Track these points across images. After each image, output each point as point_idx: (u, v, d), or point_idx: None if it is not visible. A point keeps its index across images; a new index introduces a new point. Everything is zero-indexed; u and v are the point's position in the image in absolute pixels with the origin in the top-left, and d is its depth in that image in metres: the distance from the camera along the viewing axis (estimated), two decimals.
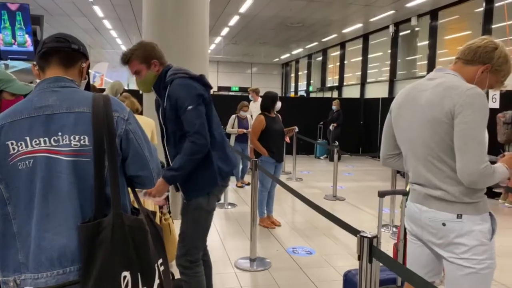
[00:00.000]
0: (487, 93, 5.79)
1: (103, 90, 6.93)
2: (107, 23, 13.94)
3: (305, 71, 21.45)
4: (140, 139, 1.40)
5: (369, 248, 1.56)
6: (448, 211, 1.68)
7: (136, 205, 1.46)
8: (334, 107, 11.03)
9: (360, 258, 1.59)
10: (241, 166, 7.23)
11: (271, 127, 4.69)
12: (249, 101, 7.96)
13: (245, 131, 6.88)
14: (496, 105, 6.67)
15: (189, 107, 2.18)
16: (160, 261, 1.42)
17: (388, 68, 13.26)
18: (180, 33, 4.73)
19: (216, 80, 23.43)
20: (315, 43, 17.25)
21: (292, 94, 22.74)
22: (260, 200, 4.86)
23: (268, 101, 4.82)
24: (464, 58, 1.76)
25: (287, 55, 21.21)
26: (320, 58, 19.35)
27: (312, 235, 4.64)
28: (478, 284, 1.65)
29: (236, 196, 6.58)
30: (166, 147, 2.37)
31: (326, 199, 6.51)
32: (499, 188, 5.81)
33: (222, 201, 5.95)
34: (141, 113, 3.74)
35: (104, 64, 16.97)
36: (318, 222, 5.03)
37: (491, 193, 6.55)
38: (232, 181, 7.48)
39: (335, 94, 17.02)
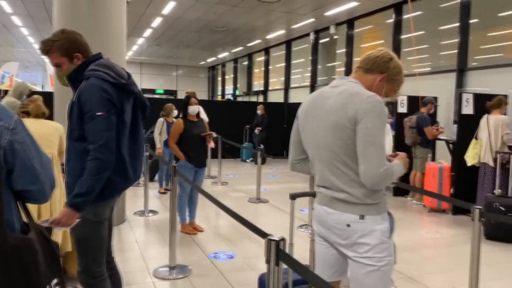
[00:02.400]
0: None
1: (6, 92, 6.37)
2: (16, 20, 12.89)
3: (232, 75, 21.58)
4: (28, 150, 1.28)
5: (276, 251, 1.59)
6: (352, 213, 1.76)
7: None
8: (258, 112, 11.23)
9: (268, 261, 1.61)
10: (164, 172, 7.05)
11: (190, 131, 4.62)
12: (174, 103, 7.77)
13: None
14: (404, 109, 7.20)
15: (99, 114, 1.97)
16: (55, 281, 1.31)
17: (310, 74, 13.79)
18: (94, 33, 4.49)
19: (140, 82, 22.70)
20: (241, 48, 17.43)
21: (219, 98, 22.76)
22: (180, 206, 4.77)
23: (182, 106, 4.75)
24: (364, 67, 1.87)
25: (213, 58, 21.18)
26: (246, 63, 19.59)
27: (234, 239, 4.64)
28: (380, 280, 1.75)
29: (158, 202, 6.40)
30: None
31: (250, 202, 6.58)
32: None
33: (142, 208, 5.75)
34: (50, 117, 3.48)
35: (14, 63, 15.64)
36: (241, 226, 5.04)
37: (401, 191, 7.06)
38: (155, 187, 7.27)
39: (261, 98, 17.32)
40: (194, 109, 4.69)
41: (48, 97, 4.64)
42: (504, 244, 4.69)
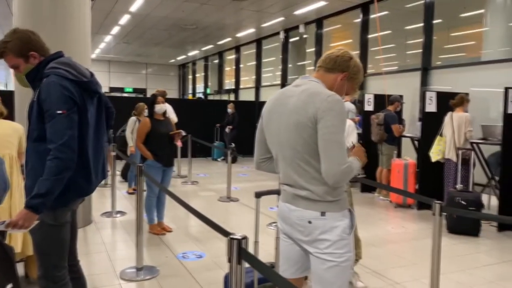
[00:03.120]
0: (363, 96, 6.36)
1: None
2: None
3: (203, 73, 21.44)
4: None
5: (238, 250, 1.59)
6: (313, 210, 1.78)
7: None
8: (229, 110, 11.21)
9: (230, 260, 1.61)
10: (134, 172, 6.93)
11: (157, 130, 4.56)
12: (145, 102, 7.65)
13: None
14: (371, 107, 7.35)
15: (59, 112, 1.90)
16: (9, 286, 1.27)
17: (280, 72, 13.87)
18: (56, 30, 4.37)
19: (108, 80, 22.22)
20: (211, 46, 17.32)
21: (190, 96, 22.57)
22: (148, 206, 4.70)
23: (148, 104, 4.70)
24: (326, 66, 1.89)
25: (184, 56, 20.98)
26: (217, 61, 19.50)
27: (204, 239, 4.62)
28: (339, 275, 1.78)
29: (127, 203, 6.29)
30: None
31: (220, 201, 6.56)
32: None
33: (109, 209, 5.64)
34: (10, 118, 3.35)
35: None
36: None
37: (368, 187, 7.21)
38: (124, 187, 7.14)
39: (232, 97, 17.29)
40: (160, 107, 4.63)
41: (8, 96, 4.48)
42: (465, 237, 4.86)
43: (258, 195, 2.78)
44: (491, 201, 6.22)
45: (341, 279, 1.78)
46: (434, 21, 8.82)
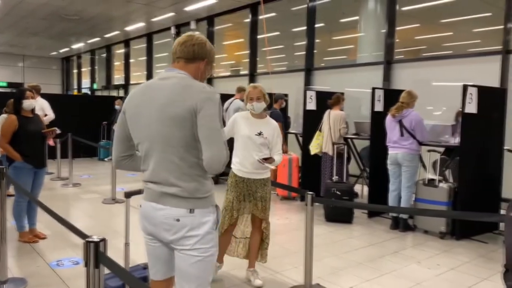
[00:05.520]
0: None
1: None
2: None
3: (89, 68, 20.09)
4: None
5: (95, 253, 1.50)
6: (182, 207, 1.76)
7: None
8: (117, 107, 10.66)
9: (86, 264, 1.51)
10: None
11: (26, 128, 4.13)
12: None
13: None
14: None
15: None
16: None
17: None
18: None
19: None
20: (98, 39, 16.30)
21: (75, 92, 21.01)
22: (18, 212, 4.26)
23: (14, 100, 4.23)
24: (185, 57, 1.87)
25: (67, 49, 19.41)
26: (104, 55, 18.42)
27: (81, 244, 4.31)
28: (204, 269, 1.79)
29: None
30: None
31: (105, 203, 6.21)
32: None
33: None
34: None
35: None
36: (92, 228, 4.74)
37: None
38: None
39: (122, 92, 16.48)
40: (30, 104, 4.20)
41: None
42: (340, 224, 5.29)
43: (128, 195, 2.67)
44: (364, 191, 6.87)
45: (206, 272, 1.79)
46: (317, 25, 9.42)
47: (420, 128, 4.96)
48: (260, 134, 3.28)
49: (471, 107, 4.75)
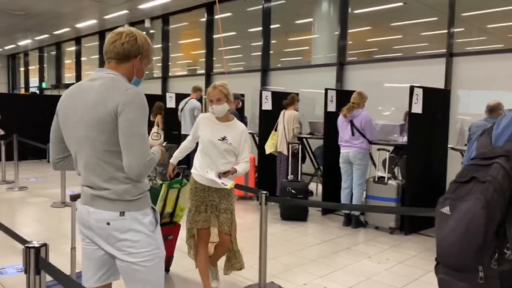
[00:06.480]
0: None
1: None
2: None
3: (38, 66, 19.18)
4: None
5: (36, 259, 1.44)
6: (112, 210, 1.71)
7: None
8: None
9: (26, 270, 1.45)
10: None
11: None
12: None
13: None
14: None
15: None
16: None
17: None
18: None
19: None
20: (46, 35, 15.60)
21: (22, 91, 20.00)
22: None
23: None
24: (116, 58, 1.78)
25: (13, 46, 18.43)
26: (54, 53, 17.66)
27: None
28: (151, 273, 1.75)
29: None
30: None
31: (54, 206, 5.95)
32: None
33: None
34: None
35: None
36: (40, 234, 4.53)
37: None
38: None
39: None
40: None
41: None
42: (296, 222, 5.37)
43: (74, 198, 2.58)
44: (318, 189, 7.00)
45: (154, 276, 1.76)
46: (272, 26, 9.50)
47: (369, 128, 5.13)
48: (224, 139, 2.93)
49: (417, 108, 4.97)
